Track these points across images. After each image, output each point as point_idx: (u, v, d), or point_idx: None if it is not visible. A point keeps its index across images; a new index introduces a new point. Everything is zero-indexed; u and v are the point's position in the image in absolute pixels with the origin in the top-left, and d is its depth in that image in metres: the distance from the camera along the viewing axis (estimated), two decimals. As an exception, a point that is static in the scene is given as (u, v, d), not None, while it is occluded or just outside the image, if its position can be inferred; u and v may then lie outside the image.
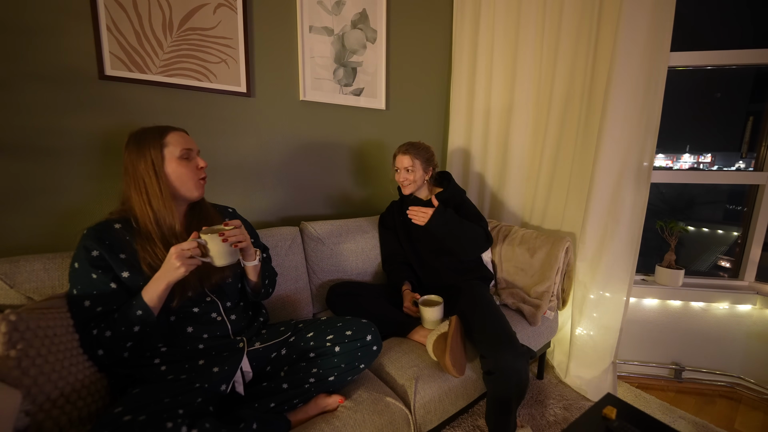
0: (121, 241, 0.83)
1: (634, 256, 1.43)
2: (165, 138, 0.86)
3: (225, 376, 0.84)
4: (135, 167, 0.84)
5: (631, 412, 0.93)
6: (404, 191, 1.44)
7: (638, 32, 1.30)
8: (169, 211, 0.85)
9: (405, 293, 1.35)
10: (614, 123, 1.37)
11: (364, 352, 0.96)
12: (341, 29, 1.54)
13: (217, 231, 0.82)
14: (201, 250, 0.80)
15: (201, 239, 0.79)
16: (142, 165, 0.84)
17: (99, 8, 1.06)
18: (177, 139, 0.88)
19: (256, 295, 1.02)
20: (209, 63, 1.26)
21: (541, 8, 1.63)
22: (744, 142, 1.70)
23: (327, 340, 0.95)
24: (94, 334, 0.77)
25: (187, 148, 0.88)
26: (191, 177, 0.89)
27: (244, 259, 0.94)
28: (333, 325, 0.99)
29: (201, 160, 0.92)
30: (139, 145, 0.85)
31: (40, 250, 1.01)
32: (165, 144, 0.86)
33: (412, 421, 0.97)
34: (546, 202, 1.73)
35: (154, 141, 0.85)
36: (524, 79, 1.71)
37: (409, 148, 1.40)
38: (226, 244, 0.81)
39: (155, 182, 0.84)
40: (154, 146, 0.84)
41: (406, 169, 1.40)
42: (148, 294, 0.78)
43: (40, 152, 1.04)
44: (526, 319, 1.41)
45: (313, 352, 0.95)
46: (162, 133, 0.86)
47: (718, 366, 1.63)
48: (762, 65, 1.53)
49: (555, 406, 1.45)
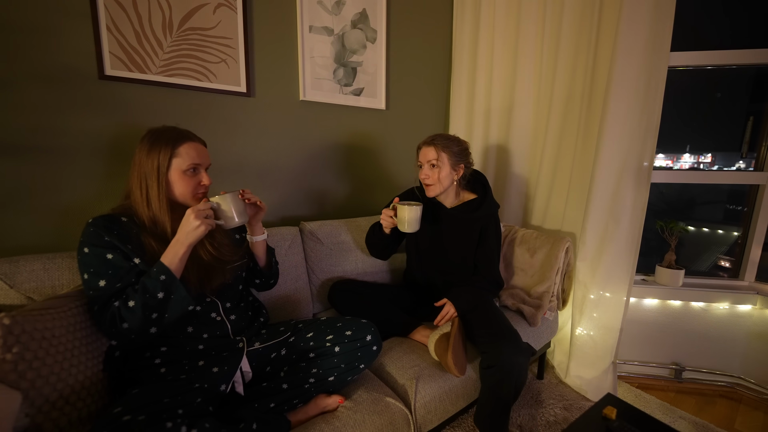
0: (129, 234, 0.82)
1: (634, 256, 1.43)
2: (178, 147, 0.85)
3: (225, 376, 0.84)
4: (142, 164, 0.84)
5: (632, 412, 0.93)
6: (428, 193, 1.23)
7: (638, 32, 1.30)
8: (164, 216, 0.85)
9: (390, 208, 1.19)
10: (614, 123, 1.37)
11: (363, 352, 0.96)
12: (341, 29, 1.54)
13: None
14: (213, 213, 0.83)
15: (213, 202, 0.83)
16: (149, 165, 0.83)
17: (99, 8, 1.06)
18: (189, 151, 0.86)
19: (269, 272, 1.07)
20: (209, 63, 1.26)
21: (542, 8, 1.63)
22: (744, 142, 1.70)
23: (327, 340, 0.95)
24: (116, 305, 0.75)
25: (195, 163, 0.87)
26: (191, 191, 0.87)
27: (253, 233, 0.99)
28: (332, 326, 0.99)
29: (206, 176, 0.90)
30: (151, 144, 0.84)
31: (40, 250, 1.01)
32: (175, 154, 0.85)
33: (412, 421, 0.96)
34: (546, 202, 1.73)
35: (166, 147, 0.84)
36: (524, 79, 1.71)
37: (436, 137, 1.20)
38: (239, 202, 0.86)
39: (155, 186, 0.83)
40: (164, 151, 0.83)
41: (430, 164, 1.19)
42: (168, 257, 0.78)
43: (40, 152, 1.04)
44: (526, 319, 1.41)
45: (312, 352, 0.95)
46: (176, 142, 0.85)
47: (718, 366, 1.63)
48: (762, 65, 1.53)
49: (555, 406, 1.44)
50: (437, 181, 1.21)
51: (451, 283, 1.29)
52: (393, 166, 1.83)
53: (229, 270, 0.93)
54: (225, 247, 0.93)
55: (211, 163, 0.93)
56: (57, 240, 1.08)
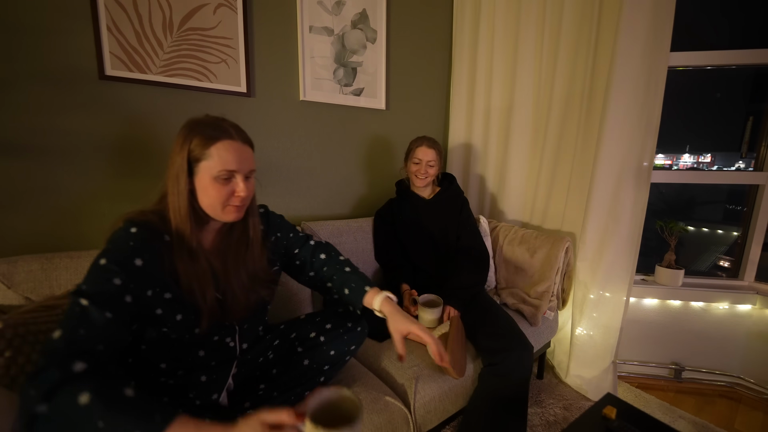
0: (161, 264, 0.69)
1: (634, 256, 1.43)
2: (211, 147, 0.70)
3: (214, 384, 0.80)
4: (174, 157, 0.71)
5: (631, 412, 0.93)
6: (419, 184, 1.43)
7: (638, 32, 1.30)
8: (185, 226, 0.71)
9: (404, 293, 1.35)
10: (614, 123, 1.37)
11: (350, 336, 0.95)
12: (341, 29, 1.54)
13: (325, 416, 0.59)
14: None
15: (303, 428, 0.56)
16: (179, 160, 0.70)
17: (99, 8, 1.06)
18: (223, 154, 0.70)
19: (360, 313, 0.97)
20: (209, 63, 1.26)
21: (542, 8, 1.63)
22: (744, 142, 1.70)
23: (310, 337, 0.94)
24: (65, 375, 0.51)
25: (230, 169, 0.71)
26: (221, 202, 0.72)
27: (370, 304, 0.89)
28: (312, 321, 0.98)
29: (243, 185, 0.73)
30: (186, 136, 0.70)
31: (39, 250, 1.01)
32: (206, 154, 0.70)
33: (412, 421, 0.96)
34: (546, 202, 1.73)
35: (200, 143, 0.70)
36: (524, 79, 1.71)
37: (433, 143, 1.40)
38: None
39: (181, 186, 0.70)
40: (195, 148, 0.69)
41: (428, 163, 1.39)
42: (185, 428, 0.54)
43: (40, 152, 1.04)
44: (527, 319, 1.41)
45: (300, 347, 0.94)
46: (211, 139, 0.70)
47: (718, 366, 1.63)
48: (762, 65, 1.53)
49: (555, 406, 1.45)
50: (430, 176, 1.42)
51: (442, 266, 1.41)
52: (393, 167, 1.83)
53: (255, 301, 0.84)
54: (261, 286, 0.83)
55: (254, 168, 0.78)
56: (56, 240, 1.08)
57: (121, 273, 0.63)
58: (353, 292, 0.91)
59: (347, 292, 0.92)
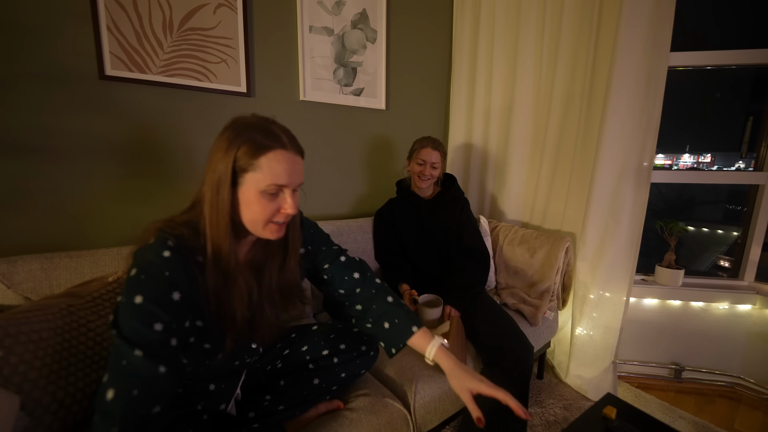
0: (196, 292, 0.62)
1: (634, 256, 1.43)
2: (261, 157, 0.62)
3: (224, 393, 0.77)
4: (216, 163, 0.62)
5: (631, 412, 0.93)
6: (421, 185, 1.43)
7: (638, 32, 1.30)
8: (223, 242, 0.63)
9: (404, 293, 1.35)
10: (614, 123, 1.37)
11: (362, 360, 0.95)
12: (341, 29, 1.54)
13: None
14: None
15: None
16: (222, 168, 0.61)
17: (99, 8, 1.06)
18: (275, 166, 0.62)
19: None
20: (209, 63, 1.26)
21: (542, 8, 1.63)
22: (744, 142, 1.70)
23: (323, 354, 0.92)
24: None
25: (279, 184, 0.64)
26: (265, 219, 0.65)
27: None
28: (326, 337, 0.94)
29: (291, 201, 0.66)
30: (231, 140, 0.62)
31: (38, 250, 1.01)
32: (255, 165, 0.62)
33: (411, 422, 0.96)
34: (546, 202, 1.73)
35: (248, 151, 0.61)
36: (524, 79, 1.71)
37: (438, 144, 1.39)
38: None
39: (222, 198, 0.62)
40: (242, 156, 0.61)
41: (432, 165, 1.38)
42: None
43: (40, 152, 1.04)
44: (527, 319, 1.41)
45: (311, 364, 0.91)
46: (262, 148, 0.62)
47: (718, 366, 1.63)
48: (762, 65, 1.53)
49: (555, 406, 1.45)
50: (433, 178, 1.42)
51: (442, 266, 1.42)
52: (393, 167, 1.83)
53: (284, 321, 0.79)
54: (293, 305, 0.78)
55: (303, 181, 0.70)
56: (55, 240, 1.08)
57: (162, 314, 0.56)
58: (395, 330, 0.83)
59: (387, 326, 0.83)
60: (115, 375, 0.53)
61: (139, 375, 0.53)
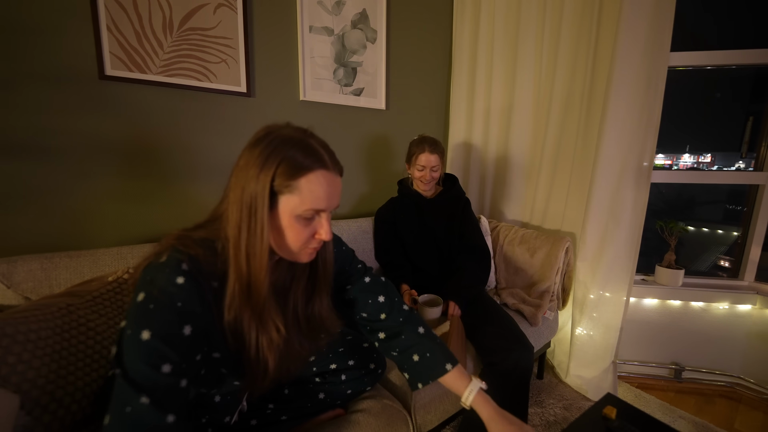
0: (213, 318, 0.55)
1: (634, 256, 1.43)
2: (301, 179, 0.55)
3: (229, 406, 0.72)
4: (248, 181, 0.55)
5: (631, 412, 0.93)
6: (423, 188, 1.41)
7: (638, 32, 1.30)
8: (260, 275, 0.56)
9: (404, 293, 1.35)
10: (614, 123, 1.37)
11: (369, 378, 0.95)
12: (341, 29, 1.54)
13: None
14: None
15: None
16: (256, 188, 0.54)
17: (99, 8, 1.06)
18: (315, 189, 0.56)
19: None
20: (209, 63, 1.26)
21: (542, 8, 1.63)
22: (744, 142, 1.70)
23: (331, 368, 0.91)
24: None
25: (318, 209, 0.58)
26: (299, 244, 0.59)
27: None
28: (335, 350, 0.92)
29: (327, 228, 0.60)
30: (268, 157, 0.54)
31: (39, 250, 1.01)
32: (293, 187, 0.55)
33: (411, 422, 0.96)
34: (546, 202, 1.73)
35: (287, 171, 0.55)
36: (524, 79, 1.71)
37: (435, 146, 1.36)
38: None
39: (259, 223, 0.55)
40: (278, 177, 0.54)
41: (432, 169, 1.36)
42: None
43: (40, 152, 1.04)
44: (527, 319, 1.41)
45: (318, 377, 0.91)
46: (302, 169, 0.55)
47: (718, 366, 1.63)
48: (762, 65, 1.53)
49: (555, 406, 1.44)
50: (434, 180, 1.41)
51: (443, 266, 1.41)
52: (393, 167, 1.83)
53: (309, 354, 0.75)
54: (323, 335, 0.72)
55: (339, 204, 0.64)
56: (55, 240, 1.08)
57: (171, 353, 0.49)
58: (426, 363, 0.76)
59: (416, 359, 0.77)
60: (118, 422, 0.47)
61: (145, 425, 0.47)
